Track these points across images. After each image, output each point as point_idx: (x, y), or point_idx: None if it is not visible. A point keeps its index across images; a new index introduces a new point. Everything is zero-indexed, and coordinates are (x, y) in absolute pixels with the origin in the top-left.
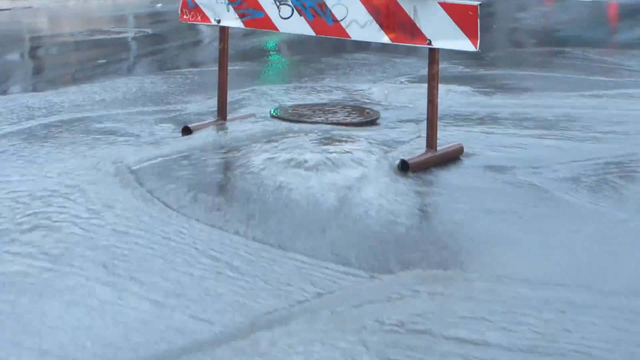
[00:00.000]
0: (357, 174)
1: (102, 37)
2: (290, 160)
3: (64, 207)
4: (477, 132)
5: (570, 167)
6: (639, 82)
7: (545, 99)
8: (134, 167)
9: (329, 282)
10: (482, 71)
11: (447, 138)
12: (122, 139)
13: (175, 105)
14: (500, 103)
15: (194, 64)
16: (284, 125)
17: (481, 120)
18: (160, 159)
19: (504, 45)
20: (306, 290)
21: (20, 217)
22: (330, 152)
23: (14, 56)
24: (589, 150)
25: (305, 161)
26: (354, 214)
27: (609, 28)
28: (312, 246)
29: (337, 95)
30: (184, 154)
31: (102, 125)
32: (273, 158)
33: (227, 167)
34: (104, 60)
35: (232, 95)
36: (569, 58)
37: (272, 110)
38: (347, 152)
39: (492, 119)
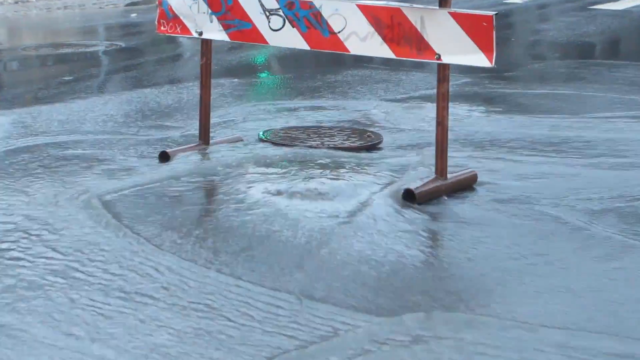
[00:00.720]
0: (357, 206)
1: (68, 50)
2: (280, 190)
3: (25, 246)
4: (493, 158)
5: (598, 198)
6: None
7: (572, 120)
8: (105, 198)
9: (323, 327)
10: (499, 89)
11: (458, 165)
12: (91, 166)
13: (152, 128)
14: (520, 124)
15: (173, 81)
16: (274, 150)
17: (498, 145)
18: (134, 189)
19: (524, 60)
20: (297, 338)
21: None
22: (326, 181)
23: None
24: (620, 179)
25: (297, 191)
26: (351, 251)
27: None
28: (303, 287)
29: (334, 117)
30: (161, 183)
31: (67, 152)
32: (260, 188)
33: (208, 198)
34: (71, 77)
35: (216, 116)
36: (598, 74)
37: (260, 134)
38: (345, 180)
39: (510, 143)
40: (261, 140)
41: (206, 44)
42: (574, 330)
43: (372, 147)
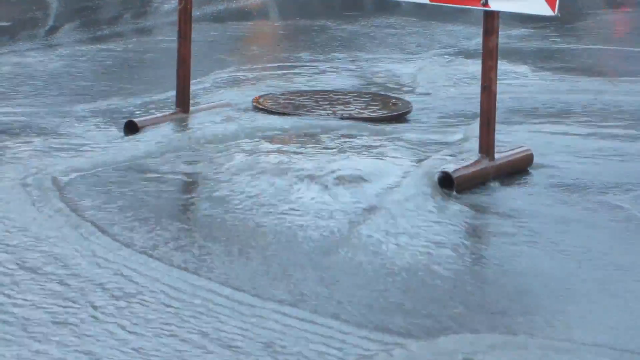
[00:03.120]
0: (380, 196)
1: None
2: (279, 173)
3: None
4: (551, 132)
5: None
6: None
7: None
8: (60, 181)
9: (338, 352)
10: (561, 45)
11: (509, 141)
12: (33, 141)
13: (115, 92)
14: (586, 90)
15: (142, 31)
16: (272, 120)
17: (558, 116)
18: (92, 170)
19: (596, 8)
20: None
21: None
22: (340, 163)
23: None
24: None
25: (301, 175)
26: (375, 256)
27: None
28: (314, 301)
29: (350, 79)
30: (126, 162)
31: (8, 124)
32: (254, 169)
33: (186, 182)
34: (8, 23)
35: (198, 77)
36: None
37: (255, 99)
38: (364, 162)
39: (573, 115)
40: (256, 107)
41: None
42: None
43: (399, 118)
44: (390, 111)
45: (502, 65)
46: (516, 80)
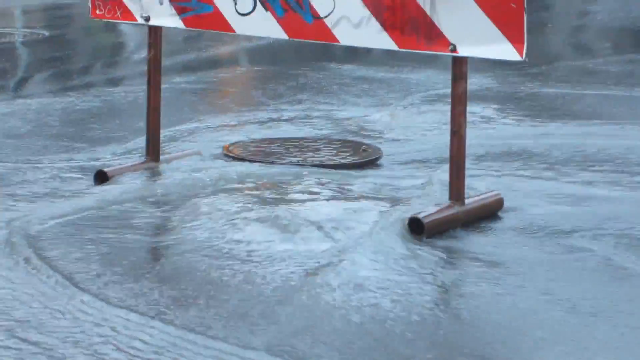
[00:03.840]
0: (348, 241)
1: None
2: (249, 220)
3: None
4: (522, 177)
5: None
6: None
7: (621, 129)
8: (29, 230)
9: None
10: (529, 89)
11: (479, 186)
12: (7, 191)
13: (84, 141)
14: (556, 134)
15: (112, 81)
16: (243, 168)
17: (528, 160)
18: (62, 219)
19: (564, 53)
20: None
21: None
22: (309, 209)
23: None
24: None
25: (271, 222)
26: (341, 303)
27: None
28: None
29: (320, 126)
30: (95, 211)
31: None
32: (223, 217)
33: (155, 231)
34: None
35: (167, 125)
36: None
37: (225, 147)
38: (334, 207)
39: (544, 159)
40: (226, 155)
41: (155, 33)
42: None
43: (369, 164)
44: (360, 157)
45: (472, 110)
46: (486, 124)
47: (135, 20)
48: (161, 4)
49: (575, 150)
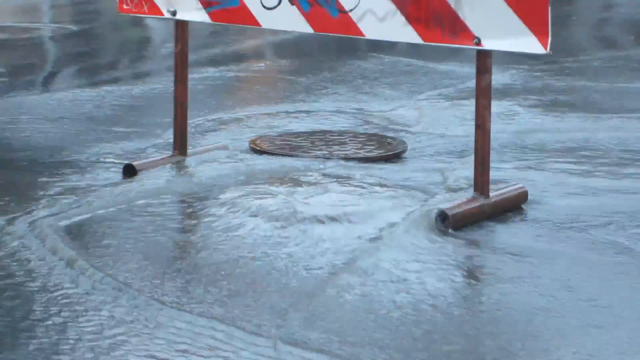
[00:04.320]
0: (375, 233)
1: (4, 36)
2: (276, 214)
3: None
4: (547, 170)
5: None
6: None
7: None
8: (58, 225)
9: None
10: (555, 82)
11: (503, 179)
12: (31, 186)
13: (114, 137)
14: (581, 128)
15: (138, 75)
16: (269, 161)
17: (553, 153)
18: (92, 213)
19: (588, 46)
20: None
21: None
22: (336, 202)
23: None
24: None
25: (299, 216)
26: (371, 294)
27: None
28: (315, 338)
29: (346, 119)
30: (123, 205)
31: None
32: (248, 210)
33: (184, 225)
34: (7, 70)
35: (195, 120)
36: None
37: (252, 141)
38: (360, 200)
39: (568, 151)
40: (252, 149)
41: (181, 27)
42: None
43: (394, 157)
44: (385, 151)
45: (496, 104)
46: (510, 118)
47: (162, 14)
48: None
49: (598, 142)
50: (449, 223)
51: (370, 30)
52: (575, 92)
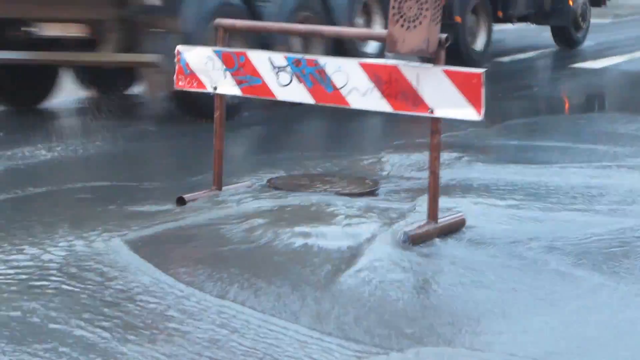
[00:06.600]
0: (357, 247)
1: None
2: (294, 230)
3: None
4: (481, 204)
5: (578, 242)
6: None
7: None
8: (131, 242)
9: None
10: (489, 140)
11: (450, 208)
12: (111, 210)
13: (168, 176)
14: (511, 172)
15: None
16: (281, 195)
17: (486, 192)
18: (157, 233)
19: (513, 114)
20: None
21: None
22: (327, 225)
23: None
24: (600, 224)
25: (304, 231)
26: (354, 282)
27: None
28: (313, 318)
29: (337, 165)
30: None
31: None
32: (272, 228)
33: (223, 239)
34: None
35: (229, 163)
36: (578, 126)
37: (269, 180)
38: (344, 225)
39: (499, 191)
40: (269, 186)
41: (220, 98)
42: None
43: (370, 194)
44: (364, 188)
45: (447, 154)
46: (458, 165)
47: (207, 89)
48: (225, 77)
49: (521, 184)
50: (410, 241)
51: (355, 101)
52: (506, 148)
